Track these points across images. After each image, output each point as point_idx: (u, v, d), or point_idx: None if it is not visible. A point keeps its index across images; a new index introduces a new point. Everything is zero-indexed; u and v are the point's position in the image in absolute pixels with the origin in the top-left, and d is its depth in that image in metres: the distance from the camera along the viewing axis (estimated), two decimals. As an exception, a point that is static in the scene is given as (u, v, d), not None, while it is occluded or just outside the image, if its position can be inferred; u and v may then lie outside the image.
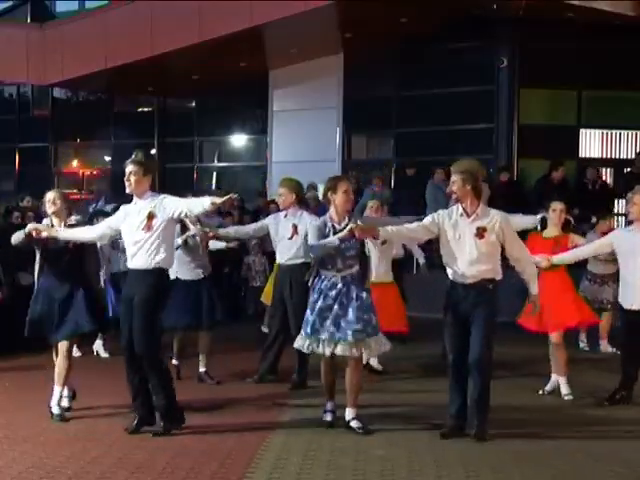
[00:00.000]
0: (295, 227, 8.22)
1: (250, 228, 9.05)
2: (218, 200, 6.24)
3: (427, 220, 6.56)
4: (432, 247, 8.40)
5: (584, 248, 7.89)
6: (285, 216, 8.35)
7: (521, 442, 6.23)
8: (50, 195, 7.10)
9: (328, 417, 6.77)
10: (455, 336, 6.48)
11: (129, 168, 6.55)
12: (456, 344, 6.47)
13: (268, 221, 8.60)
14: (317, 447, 6.07)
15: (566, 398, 7.79)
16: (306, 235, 7.76)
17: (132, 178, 6.52)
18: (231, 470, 5.50)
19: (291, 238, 8.24)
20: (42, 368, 9.38)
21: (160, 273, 6.48)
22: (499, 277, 6.45)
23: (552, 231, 7.98)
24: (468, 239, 6.37)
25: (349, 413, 6.63)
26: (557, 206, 7.97)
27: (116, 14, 17.49)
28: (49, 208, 7.06)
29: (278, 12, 14.93)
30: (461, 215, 6.42)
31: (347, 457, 5.81)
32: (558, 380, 7.96)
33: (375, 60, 17.50)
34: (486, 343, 6.34)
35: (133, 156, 6.69)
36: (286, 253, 8.31)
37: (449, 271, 6.53)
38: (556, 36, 15.80)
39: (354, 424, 6.57)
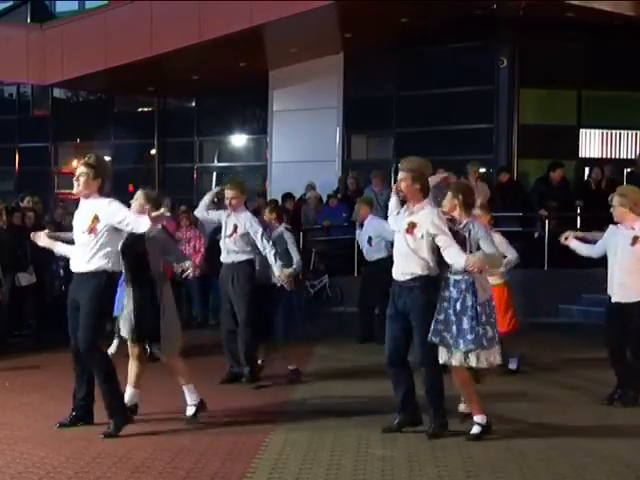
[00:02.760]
0: (235, 227, 8.44)
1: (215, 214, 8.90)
2: (154, 214, 6.16)
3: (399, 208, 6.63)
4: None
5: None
6: (228, 215, 8.54)
7: (521, 442, 6.22)
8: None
9: (475, 429, 6.33)
10: (390, 335, 6.43)
11: (79, 170, 6.53)
12: (389, 344, 6.43)
13: (222, 216, 8.68)
14: (317, 447, 6.06)
15: None
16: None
17: (81, 179, 6.47)
18: (231, 470, 5.50)
19: (230, 237, 8.46)
20: (41, 368, 9.41)
21: (101, 275, 6.37)
22: (434, 273, 6.34)
23: None
24: (402, 234, 6.41)
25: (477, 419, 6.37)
26: None
27: (116, 14, 17.49)
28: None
29: (278, 12, 14.92)
30: (405, 211, 6.51)
31: (347, 457, 5.80)
32: None
33: (375, 60, 17.50)
34: (424, 344, 6.27)
35: (86, 158, 6.62)
36: (226, 251, 8.52)
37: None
38: (556, 36, 15.82)
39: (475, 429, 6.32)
